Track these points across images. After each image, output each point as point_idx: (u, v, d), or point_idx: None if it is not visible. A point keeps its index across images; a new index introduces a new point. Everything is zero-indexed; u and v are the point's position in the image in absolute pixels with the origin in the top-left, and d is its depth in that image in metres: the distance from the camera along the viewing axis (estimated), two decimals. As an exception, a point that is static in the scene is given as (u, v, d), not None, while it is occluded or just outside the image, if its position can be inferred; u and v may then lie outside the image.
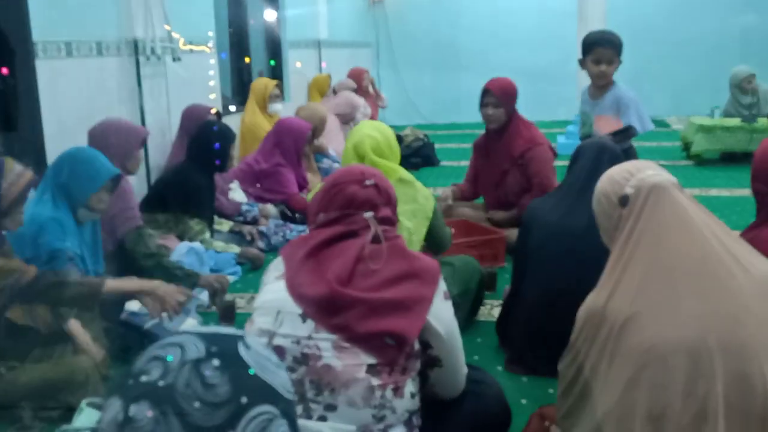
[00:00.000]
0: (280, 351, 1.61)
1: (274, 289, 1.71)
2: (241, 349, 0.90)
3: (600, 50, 3.82)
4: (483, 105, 4.16)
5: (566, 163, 2.85)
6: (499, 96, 4.08)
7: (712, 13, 10.41)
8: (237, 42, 6.55)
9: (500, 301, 3.26)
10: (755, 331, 1.47)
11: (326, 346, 1.60)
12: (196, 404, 0.84)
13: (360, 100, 7.30)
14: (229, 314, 3.00)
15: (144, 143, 3.59)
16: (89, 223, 2.84)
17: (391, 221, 1.79)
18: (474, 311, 3.17)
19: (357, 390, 1.59)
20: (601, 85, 3.90)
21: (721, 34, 10.40)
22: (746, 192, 5.45)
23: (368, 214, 1.73)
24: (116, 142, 3.28)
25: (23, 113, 3.37)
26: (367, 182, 1.77)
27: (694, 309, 1.48)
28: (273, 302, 1.68)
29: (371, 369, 1.60)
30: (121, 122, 3.49)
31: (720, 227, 1.61)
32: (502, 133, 4.16)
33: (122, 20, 4.15)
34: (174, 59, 4.51)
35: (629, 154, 3.75)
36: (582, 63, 3.96)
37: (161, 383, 0.85)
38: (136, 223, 3.24)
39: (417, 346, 1.67)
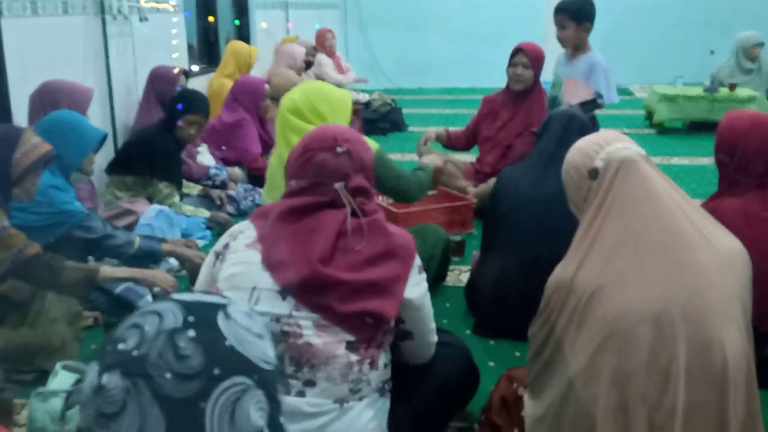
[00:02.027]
0: None
1: (244, 259, 1.67)
2: (220, 319, 0.90)
3: (556, 16, 3.97)
4: (512, 64, 4.11)
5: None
6: (531, 57, 4.05)
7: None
8: (203, 1, 6.44)
9: (469, 267, 3.33)
10: (715, 302, 1.54)
11: (307, 324, 1.60)
12: (168, 375, 0.85)
13: (326, 60, 7.28)
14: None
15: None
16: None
17: (365, 190, 1.72)
18: (439, 278, 3.20)
19: (336, 366, 1.61)
20: (572, 48, 3.94)
21: (684, 3, 10.51)
22: (707, 160, 5.60)
23: (339, 185, 1.68)
24: (69, 105, 3.23)
25: (-12, 72, 3.30)
26: (339, 149, 1.70)
27: (658, 280, 1.54)
28: (246, 276, 1.64)
29: (350, 345, 1.62)
30: (68, 84, 3.40)
31: (686, 200, 1.66)
32: (525, 97, 4.13)
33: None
34: (141, 19, 4.43)
35: (593, 123, 3.84)
36: None
37: (135, 353, 0.86)
38: (84, 206, 3.19)
39: (392, 322, 1.70)
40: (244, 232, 1.73)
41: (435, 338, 1.91)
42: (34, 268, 2.39)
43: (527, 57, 4.04)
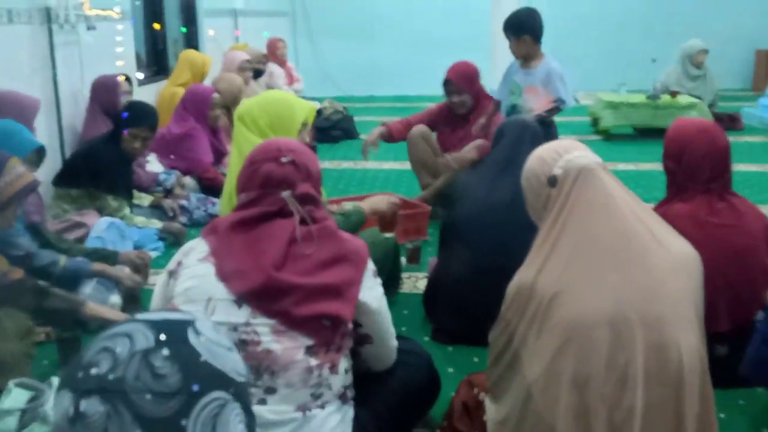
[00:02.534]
0: None
1: (198, 273, 1.68)
2: (191, 336, 0.90)
3: (504, 32, 4.10)
4: (447, 94, 4.33)
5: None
6: (459, 83, 4.25)
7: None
8: (151, 9, 6.36)
9: (425, 274, 3.36)
10: (670, 304, 1.59)
11: (265, 331, 1.61)
12: (148, 396, 0.84)
13: (277, 69, 7.27)
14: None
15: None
16: None
17: (311, 198, 1.75)
18: (392, 285, 3.16)
19: (296, 371, 1.62)
20: (525, 59, 4.08)
21: (624, 13, 10.81)
22: (652, 166, 5.75)
23: (286, 194, 1.71)
24: (14, 116, 3.16)
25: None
26: (284, 159, 1.74)
27: (615, 284, 1.59)
28: (200, 288, 1.65)
29: (309, 350, 1.63)
30: (11, 95, 3.35)
31: (640, 206, 1.72)
32: (471, 113, 4.35)
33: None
34: (88, 28, 4.36)
35: (552, 128, 3.91)
36: None
37: (111, 376, 0.85)
38: (28, 220, 3.12)
39: (350, 325, 1.72)
40: (196, 248, 1.74)
41: (395, 342, 1.93)
42: (19, 292, 2.36)
43: (455, 84, 4.27)
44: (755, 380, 2.17)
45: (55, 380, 2.11)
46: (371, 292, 1.75)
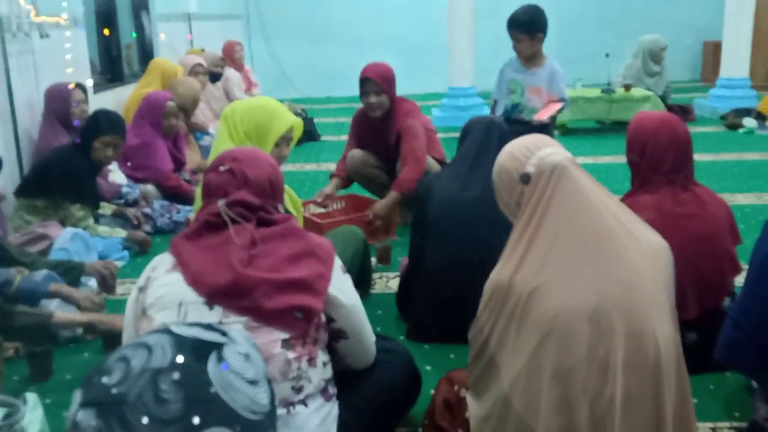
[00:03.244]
0: None
1: (167, 282, 1.69)
2: (211, 362, 0.87)
3: (510, 30, 4.02)
4: (364, 93, 4.04)
5: (447, 135, 2.98)
6: (380, 83, 3.99)
7: (570, -13, 10.96)
8: (103, 15, 6.25)
9: (396, 274, 3.37)
10: (647, 295, 1.63)
11: (239, 329, 1.61)
12: (144, 419, 0.81)
13: (234, 74, 7.21)
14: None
15: None
16: None
17: (247, 204, 1.76)
18: (363, 285, 3.18)
19: (275, 365, 1.62)
20: (527, 58, 4.04)
21: (578, 8, 10.98)
22: (610, 159, 5.85)
23: (221, 202, 1.75)
24: None
25: None
26: (221, 168, 1.80)
27: (592, 278, 1.62)
28: (171, 295, 1.66)
29: (285, 343, 1.65)
30: None
31: (612, 200, 1.76)
32: (387, 117, 4.08)
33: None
34: (41, 36, 4.27)
35: (550, 129, 3.95)
36: None
37: (115, 390, 0.82)
38: None
39: (323, 318, 1.75)
40: (162, 262, 1.77)
41: (372, 338, 1.94)
42: None
43: (376, 83, 3.99)
44: (729, 364, 2.22)
45: (31, 397, 2.07)
46: (341, 286, 1.79)
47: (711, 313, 2.40)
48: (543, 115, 3.91)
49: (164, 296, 1.67)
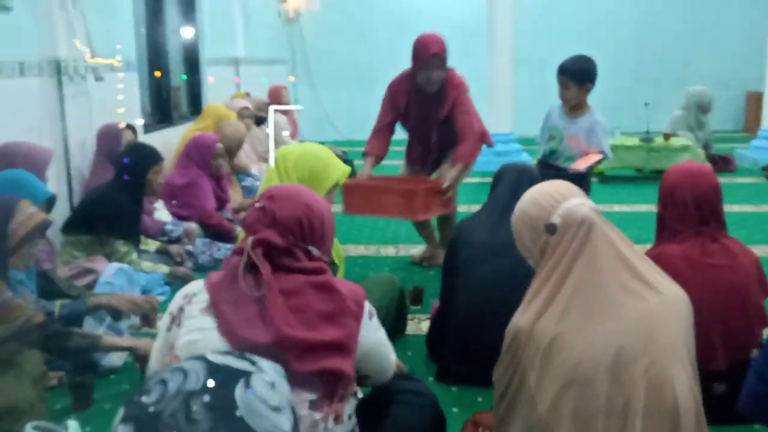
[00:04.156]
0: None
1: (200, 326, 1.68)
2: (238, 388, 0.95)
3: (560, 77, 4.06)
4: (427, 68, 3.99)
5: (484, 180, 3.06)
6: (444, 57, 4.00)
7: (612, 37, 11.04)
8: (155, 58, 6.52)
9: (428, 316, 3.42)
10: (665, 346, 1.67)
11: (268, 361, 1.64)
12: None
13: (280, 118, 7.40)
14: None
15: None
16: None
17: (269, 243, 1.72)
18: (398, 329, 3.22)
19: (302, 426, 1.62)
20: (571, 107, 4.08)
21: (618, 58, 11.03)
22: (646, 207, 5.85)
23: (249, 240, 1.72)
24: (26, 167, 3.25)
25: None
26: (257, 204, 1.79)
27: (613, 329, 1.67)
28: (203, 343, 1.63)
29: (312, 404, 1.65)
30: (24, 146, 3.44)
31: (635, 253, 1.79)
32: (440, 92, 4.08)
33: (44, 40, 4.11)
34: (96, 79, 4.49)
35: (587, 179, 3.97)
36: None
37: (152, 408, 0.91)
38: (40, 268, 3.18)
39: (351, 375, 1.73)
40: (197, 294, 1.74)
41: (392, 358, 1.95)
42: (43, 335, 2.46)
43: (441, 58, 3.98)
44: (752, 417, 2.22)
45: (72, 424, 2.16)
46: (368, 336, 1.78)
47: (739, 364, 2.40)
48: (580, 165, 3.93)
49: (197, 342, 1.65)
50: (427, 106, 4.14)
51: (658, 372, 1.63)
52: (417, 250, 4.79)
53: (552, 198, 1.82)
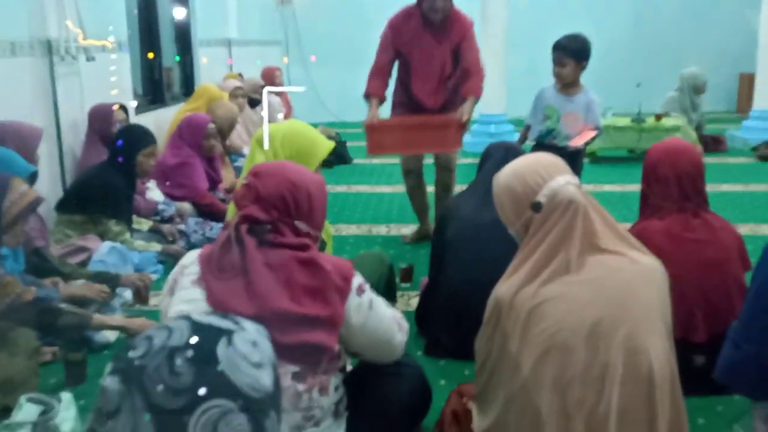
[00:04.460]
0: None
1: (190, 297, 1.73)
2: (220, 345, 0.99)
3: (556, 54, 4.08)
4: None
5: (476, 161, 3.10)
6: None
7: (606, 18, 11.03)
8: (147, 39, 6.52)
9: (417, 293, 3.47)
10: (641, 314, 1.71)
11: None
12: (159, 387, 0.94)
13: (274, 99, 7.41)
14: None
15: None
16: None
17: (256, 220, 1.77)
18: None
19: (285, 397, 1.67)
20: (565, 85, 4.10)
21: (611, 38, 11.02)
22: (635, 188, 5.88)
23: (235, 218, 1.78)
24: (16, 147, 3.28)
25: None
26: (244, 181, 1.85)
27: (589, 299, 1.72)
28: (192, 314, 1.68)
29: (295, 376, 1.70)
30: (14, 125, 3.46)
31: (611, 226, 1.83)
32: (443, 23, 4.10)
33: (35, 20, 4.12)
34: (87, 59, 4.49)
35: (580, 157, 4.03)
36: None
37: (137, 362, 0.96)
38: (33, 245, 3.24)
39: (337, 348, 1.78)
40: (190, 266, 1.79)
41: (396, 339, 1.95)
42: (34, 312, 2.51)
43: None
44: (729, 384, 2.27)
45: (65, 396, 2.21)
46: (356, 314, 1.80)
47: (720, 337, 2.44)
48: (578, 142, 3.97)
49: (184, 312, 1.66)
50: (432, 41, 4.14)
51: (635, 341, 1.67)
52: (408, 229, 4.83)
53: (538, 175, 1.83)
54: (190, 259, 1.81)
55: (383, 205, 5.65)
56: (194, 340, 0.98)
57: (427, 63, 4.18)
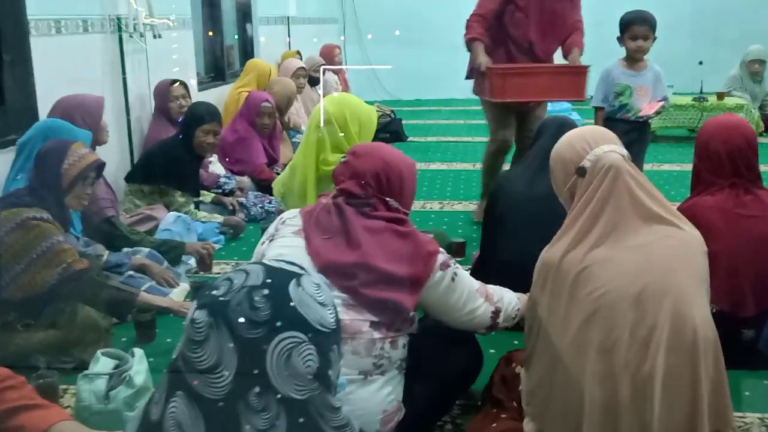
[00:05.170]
0: None
1: (290, 243, 1.95)
2: (292, 285, 1.12)
3: (636, 28, 4.06)
4: None
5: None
6: None
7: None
8: (210, 17, 6.68)
9: (469, 267, 3.54)
10: (685, 280, 1.77)
11: (337, 302, 1.82)
12: (242, 319, 1.07)
13: (331, 77, 7.52)
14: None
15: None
16: None
17: (353, 194, 1.97)
18: None
19: (361, 341, 1.86)
20: (638, 60, 4.11)
21: (672, 15, 10.76)
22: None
23: (334, 191, 2.00)
24: (82, 118, 3.44)
25: (19, 87, 3.52)
26: (341, 158, 2.06)
27: (637, 263, 1.78)
28: (289, 256, 1.85)
29: (374, 324, 1.88)
30: (79, 97, 3.59)
31: (657, 199, 1.88)
32: None
33: (106, -1, 4.31)
34: (154, 36, 4.67)
35: (648, 128, 4.13)
36: (620, 40, 4.16)
37: (221, 298, 1.10)
38: (105, 214, 3.40)
39: (411, 313, 1.94)
40: (292, 219, 2.02)
41: (478, 311, 2.08)
42: (78, 283, 2.60)
43: None
44: (771, 354, 2.31)
45: (138, 351, 2.37)
46: (436, 287, 1.97)
47: (769, 311, 2.47)
48: (648, 111, 4.01)
49: (284, 255, 1.89)
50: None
51: (680, 307, 1.73)
52: (461, 206, 4.89)
53: (586, 142, 1.92)
54: (293, 213, 2.05)
55: (437, 181, 5.72)
56: (269, 280, 1.11)
57: (543, 12, 4.22)
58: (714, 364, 1.75)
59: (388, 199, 2.00)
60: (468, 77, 4.52)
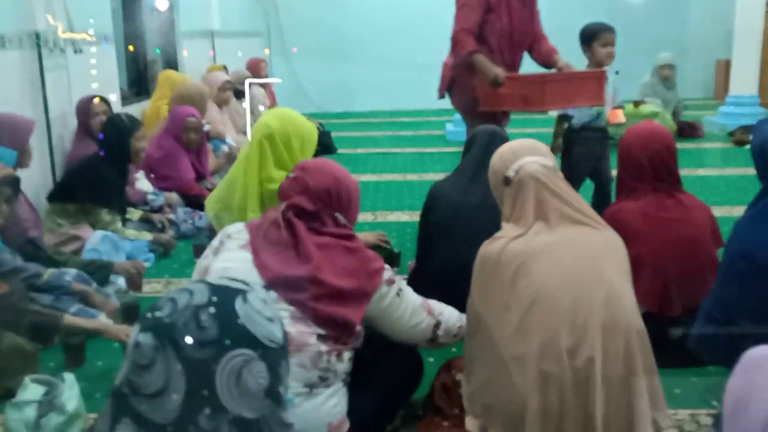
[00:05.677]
0: None
1: (236, 257, 1.94)
2: (238, 302, 1.11)
3: (607, 35, 4.16)
4: None
5: (460, 149, 3.19)
6: None
7: (581, 5, 11.14)
8: (132, 32, 6.55)
9: (405, 276, 3.57)
10: (614, 273, 1.88)
11: (284, 315, 1.86)
12: (189, 340, 1.06)
13: (258, 91, 7.46)
14: (132, 314, 2.89)
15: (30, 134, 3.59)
16: None
17: (304, 211, 2.01)
18: None
19: (308, 354, 1.88)
20: (606, 66, 4.17)
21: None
22: (613, 173, 6.02)
23: (281, 206, 2.02)
24: (8, 138, 3.34)
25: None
26: (290, 174, 2.08)
27: (571, 256, 1.89)
28: (237, 270, 1.89)
29: (320, 337, 1.90)
30: (8, 116, 3.50)
31: (576, 206, 2.00)
32: None
33: (23, 13, 4.16)
34: (75, 51, 4.54)
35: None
36: (585, 49, 4.21)
37: (166, 320, 1.07)
38: (28, 236, 3.30)
39: (359, 327, 1.97)
40: (238, 233, 2.02)
41: (421, 325, 2.13)
42: (2, 307, 2.51)
43: None
44: (702, 352, 2.41)
45: (68, 376, 2.29)
46: (381, 302, 2.02)
47: (694, 311, 2.58)
48: (621, 118, 4.17)
49: (230, 269, 1.91)
50: (518, 2, 4.25)
51: (612, 295, 1.82)
52: (394, 216, 4.92)
53: (512, 154, 2.04)
54: (238, 228, 2.05)
55: (368, 193, 5.74)
56: (215, 298, 1.10)
57: (515, 23, 4.26)
58: (643, 348, 1.82)
59: (336, 214, 2.06)
60: (443, 96, 4.53)
